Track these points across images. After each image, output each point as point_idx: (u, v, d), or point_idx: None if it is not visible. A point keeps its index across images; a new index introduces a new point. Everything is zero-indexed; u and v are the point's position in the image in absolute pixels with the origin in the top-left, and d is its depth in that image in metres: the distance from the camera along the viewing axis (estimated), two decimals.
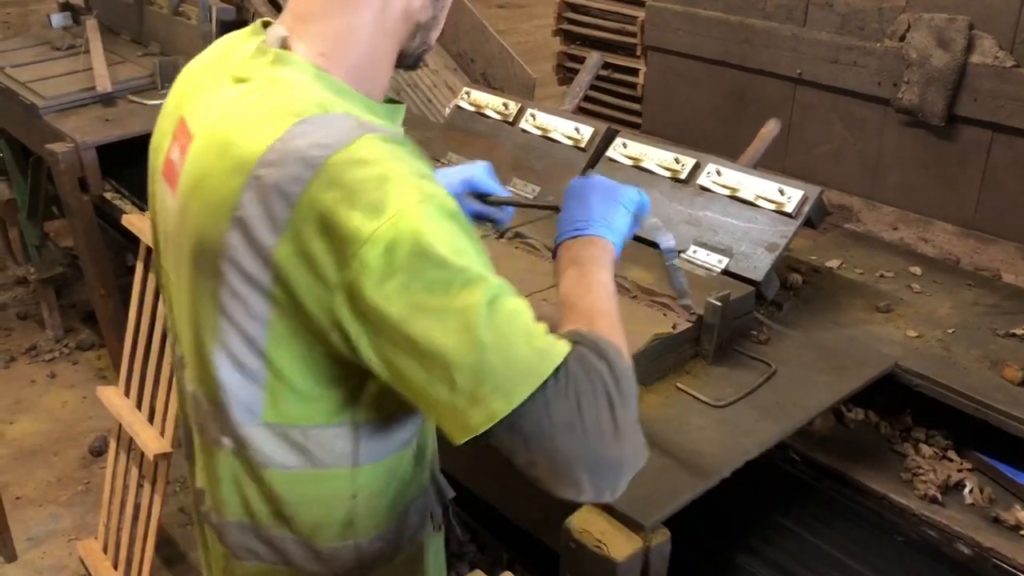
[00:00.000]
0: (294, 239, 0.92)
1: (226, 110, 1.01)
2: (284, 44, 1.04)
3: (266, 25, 1.09)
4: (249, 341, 0.99)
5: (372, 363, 0.94)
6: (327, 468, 1.06)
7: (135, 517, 2.53)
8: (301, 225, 0.91)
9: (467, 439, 0.92)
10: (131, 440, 2.49)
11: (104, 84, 3.20)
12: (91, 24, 3.84)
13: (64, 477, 3.24)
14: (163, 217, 1.12)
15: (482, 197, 1.42)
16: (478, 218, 1.43)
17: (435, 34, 1.15)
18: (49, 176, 3.52)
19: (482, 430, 0.91)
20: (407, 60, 1.14)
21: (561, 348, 0.93)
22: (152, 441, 2.37)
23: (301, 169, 0.91)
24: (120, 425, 2.54)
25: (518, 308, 0.93)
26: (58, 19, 4.20)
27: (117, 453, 2.61)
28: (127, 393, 2.57)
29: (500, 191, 1.43)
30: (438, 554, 1.29)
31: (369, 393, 1.03)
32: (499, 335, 0.89)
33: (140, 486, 2.51)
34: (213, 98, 1.05)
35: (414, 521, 1.19)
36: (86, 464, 3.29)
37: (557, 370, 0.91)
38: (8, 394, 3.69)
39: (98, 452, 3.28)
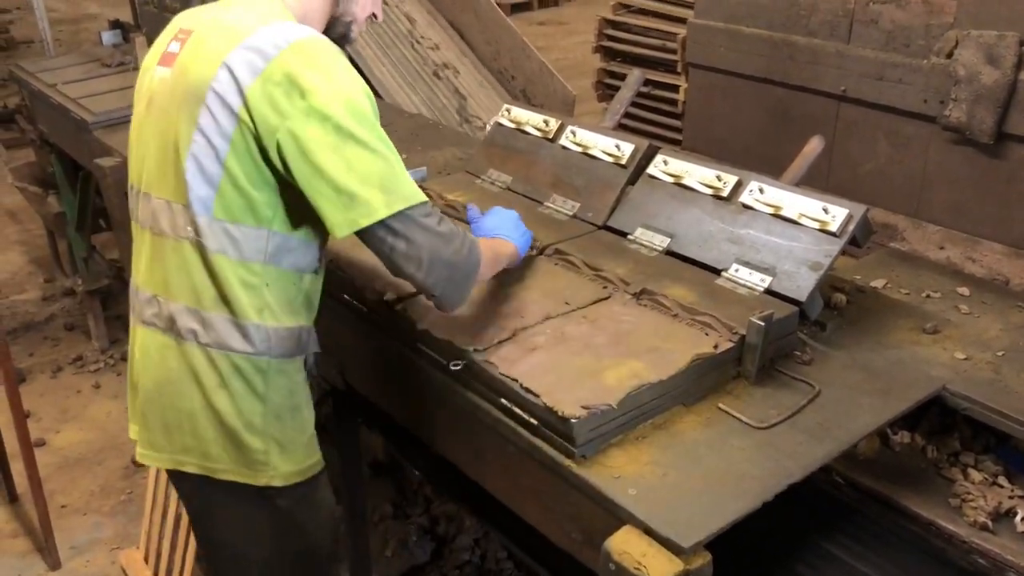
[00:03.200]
0: (263, 83, 1.40)
1: (225, 13, 1.52)
2: None
3: None
4: (214, 150, 1.44)
5: (295, 172, 1.40)
6: (249, 260, 1.49)
7: (176, 527, 2.56)
8: (270, 74, 1.40)
9: (364, 225, 1.41)
10: None
11: None
12: (140, 41, 3.92)
13: (107, 487, 3.29)
14: (151, 90, 1.56)
15: None
16: None
17: (359, 11, 1.63)
18: (97, 190, 3.59)
19: (371, 222, 1.40)
20: (336, 27, 1.62)
21: (423, 197, 1.45)
22: None
23: (278, 41, 1.42)
24: None
25: (399, 161, 1.44)
26: (108, 37, 4.31)
27: None
28: None
29: None
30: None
31: (284, 210, 1.48)
32: (392, 168, 1.42)
33: None
34: (208, 13, 1.55)
35: (304, 340, 1.60)
36: (129, 474, 3.34)
37: (426, 202, 1.44)
38: (54, 404, 3.77)
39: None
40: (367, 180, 1.39)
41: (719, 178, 1.90)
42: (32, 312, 4.49)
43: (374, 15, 1.69)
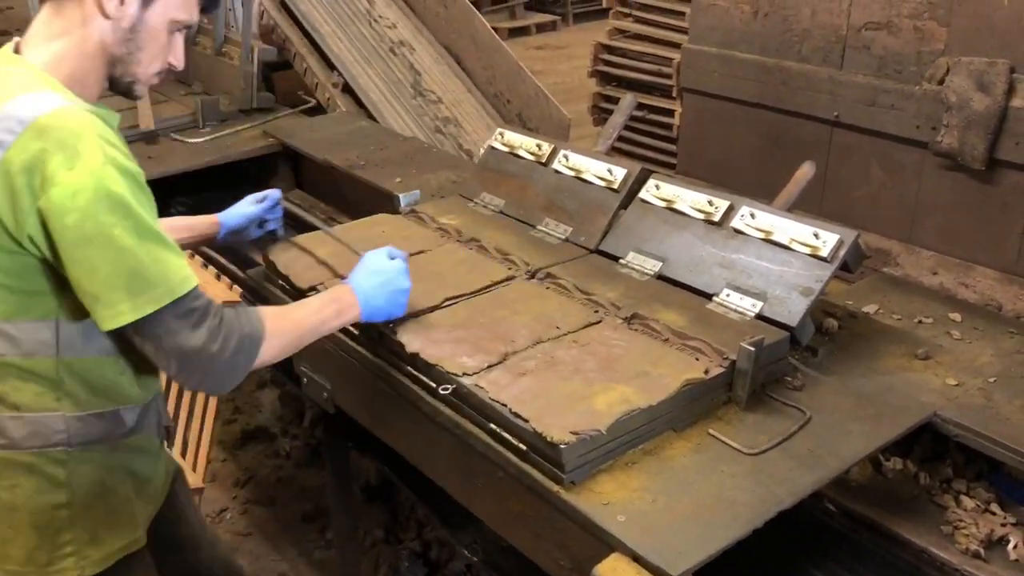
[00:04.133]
0: (3, 175, 1.26)
1: None
2: (17, 49, 1.39)
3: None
4: None
5: (58, 265, 1.30)
6: (34, 355, 1.36)
7: None
8: (9, 165, 1.26)
9: (108, 328, 1.30)
10: None
11: (148, 122, 3.27)
12: None
13: None
14: None
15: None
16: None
17: (139, 69, 1.43)
18: None
19: (115, 326, 1.29)
20: (118, 85, 1.45)
21: (189, 283, 1.32)
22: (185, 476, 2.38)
23: (15, 124, 1.26)
24: None
25: (160, 249, 1.31)
26: None
27: None
28: None
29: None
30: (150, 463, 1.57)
31: (67, 297, 1.34)
32: (144, 265, 1.28)
33: None
34: None
35: (128, 421, 1.48)
36: None
37: (185, 297, 1.31)
38: None
39: None
40: (111, 283, 1.27)
41: (710, 203, 1.90)
42: None
43: (172, 65, 1.48)
